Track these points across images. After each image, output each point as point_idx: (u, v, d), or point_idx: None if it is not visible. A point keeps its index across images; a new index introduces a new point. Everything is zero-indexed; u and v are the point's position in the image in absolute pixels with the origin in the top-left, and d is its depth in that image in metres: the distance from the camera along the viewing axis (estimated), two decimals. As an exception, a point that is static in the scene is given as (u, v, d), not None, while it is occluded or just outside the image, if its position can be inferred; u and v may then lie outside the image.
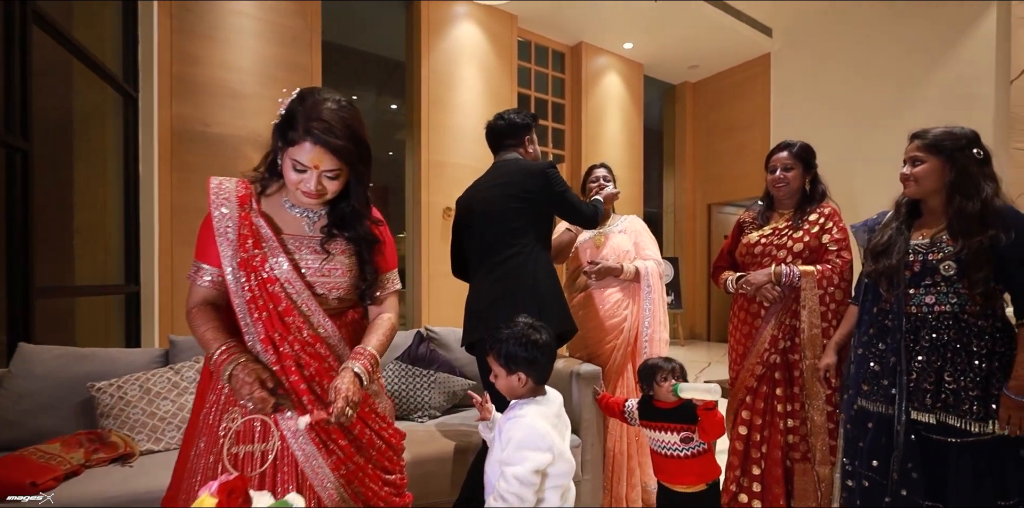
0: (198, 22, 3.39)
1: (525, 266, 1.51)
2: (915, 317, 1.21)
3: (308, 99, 0.93)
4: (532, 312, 1.42)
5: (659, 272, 2.01)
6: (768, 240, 1.67)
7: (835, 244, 1.59)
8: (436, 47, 4.51)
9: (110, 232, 3.13)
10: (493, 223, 1.56)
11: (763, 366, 1.60)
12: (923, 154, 1.24)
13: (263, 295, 0.94)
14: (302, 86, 1.02)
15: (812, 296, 1.55)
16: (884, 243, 1.27)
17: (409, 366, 1.77)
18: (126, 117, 3.14)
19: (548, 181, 1.55)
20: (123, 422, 1.49)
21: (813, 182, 1.70)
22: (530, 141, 1.70)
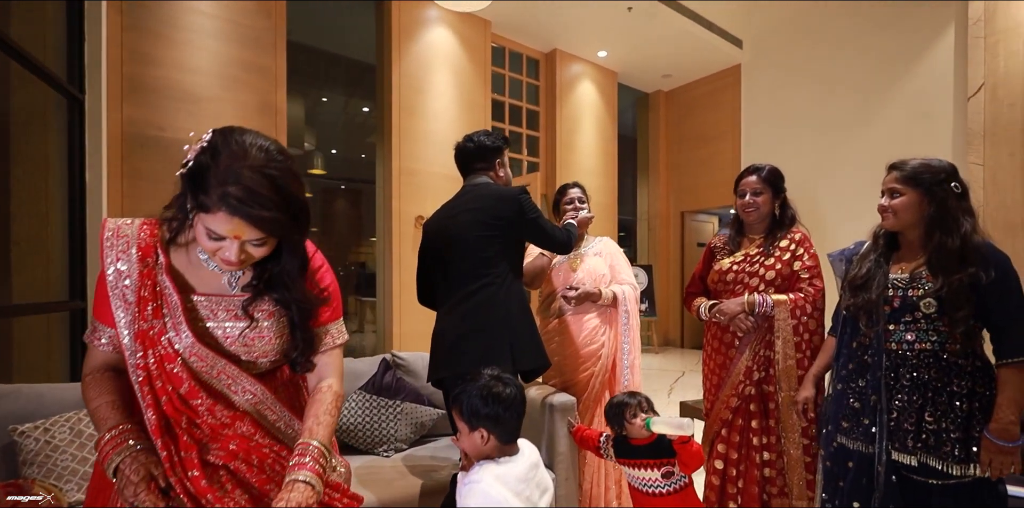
0: (152, 19, 3.20)
1: (497, 297, 1.44)
2: (895, 354, 1.19)
3: (223, 151, 0.72)
4: (503, 347, 1.35)
5: (635, 297, 1.97)
6: (740, 267, 1.64)
7: (807, 272, 1.57)
8: (407, 51, 4.40)
9: (52, 244, 2.91)
10: (463, 251, 1.48)
11: (738, 398, 1.57)
12: (901, 186, 1.22)
13: (161, 375, 0.77)
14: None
15: (786, 326, 1.52)
16: (863, 276, 1.25)
17: (373, 397, 1.67)
18: (71, 120, 2.92)
19: (521, 207, 1.49)
20: (50, 470, 1.34)
21: (783, 206, 1.68)
22: (501, 165, 1.63)
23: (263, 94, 3.59)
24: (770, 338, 1.54)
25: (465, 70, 4.80)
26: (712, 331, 1.70)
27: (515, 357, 1.39)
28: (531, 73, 5.66)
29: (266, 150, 0.75)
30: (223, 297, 0.85)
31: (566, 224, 1.77)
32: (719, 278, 1.66)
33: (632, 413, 1.42)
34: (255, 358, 0.86)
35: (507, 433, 1.06)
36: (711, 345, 1.70)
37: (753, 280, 1.60)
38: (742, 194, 1.66)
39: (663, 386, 4.38)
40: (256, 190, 0.71)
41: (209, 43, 3.39)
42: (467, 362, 1.37)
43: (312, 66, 6.22)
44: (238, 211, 0.70)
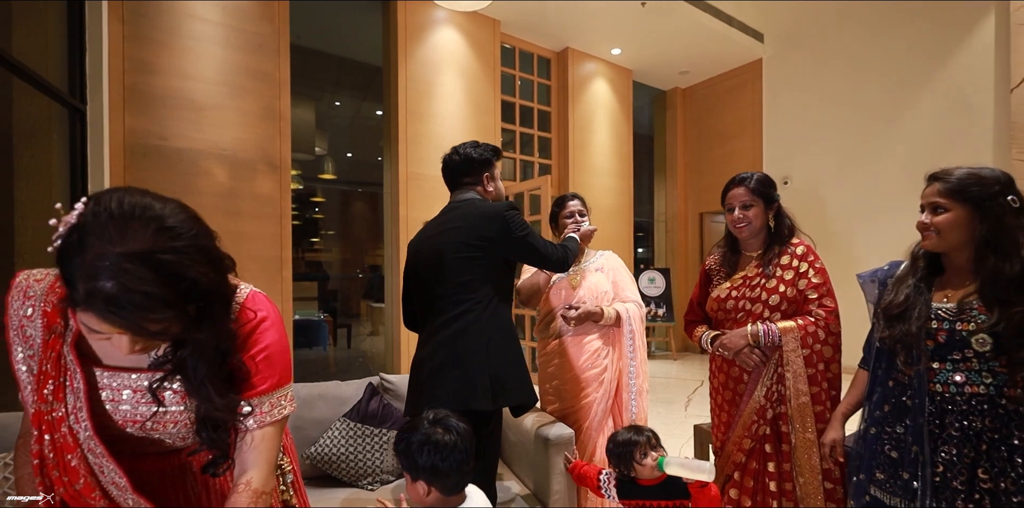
0: (152, 28, 3.16)
1: (477, 325, 1.31)
2: (941, 398, 1.01)
3: (88, 237, 0.55)
4: (482, 381, 1.23)
5: (640, 316, 1.82)
6: (739, 293, 1.46)
7: (815, 291, 1.39)
8: (414, 54, 4.31)
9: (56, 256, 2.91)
10: (443, 274, 1.35)
11: (752, 439, 1.41)
12: (946, 200, 1.04)
13: (59, 465, 0.66)
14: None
15: (796, 358, 1.34)
16: (900, 304, 1.07)
17: (357, 425, 1.56)
18: (72, 131, 2.91)
19: (507, 226, 1.36)
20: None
21: (778, 217, 1.48)
22: (490, 179, 1.50)
23: (267, 100, 3.54)
24: (782, 370, 1.37)
25: (474, 71, 4.69)
26: (717, 362, 1.54)
27: (496, 392, 1.26)
28: (542, 73, 5.52)
29: (158, 226, 0.57)
30: (132, 373, 0.71)
31: (566, 239, 1.64)
32: (718, 306, 1.50)
33: (642, 453, 1.31)
34: (173, 441, 0.75)
35: (449, 485, 0.95)
36: (717, 378, 1.54)
37: (756, 306, 1.42)
38: (730, 208, 1.48)
39: (680, 397, 4.20)
40: (133, 288, 0.54)
41: (211, 50, 3.35)
42: (442, 397, 1.25)
43: (323, 70, 6.19)
44: (108, 317, 0.55)
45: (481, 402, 1.23)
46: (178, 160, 3.24)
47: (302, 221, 10.18)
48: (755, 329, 1.38)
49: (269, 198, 3.56)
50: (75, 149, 2.91)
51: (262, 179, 3.54)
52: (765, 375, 1.40)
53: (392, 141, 4.31)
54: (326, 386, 1.67)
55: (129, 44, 3.10)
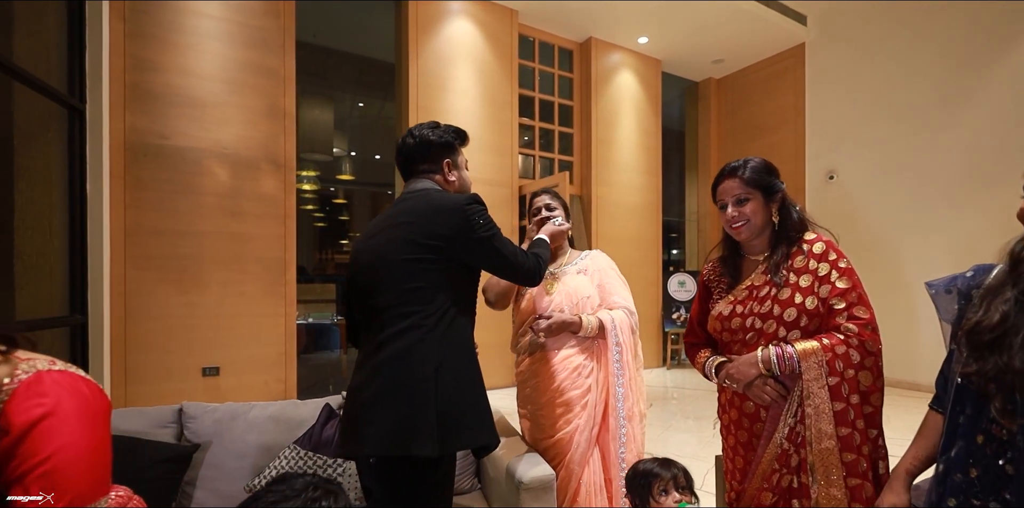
0: (154, 25, 3.10)
1: (425, 346, 1.04)
2: None
3: None
4: (427, 419, 0.98)
5: (631, 324, 1.52)
6: (746, 308, 1.15)
7: (841, 299, 1.06)
8: (426, 46, 4.13)
9: (54, 257, 2.87)
10: (384, 280, 1.10)
11: (773, 493, 1.10)
12: None
13: None
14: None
15: (819, 389, 1.02)
16: (995, 326, 0.76)
17: (309, 454, 1.36)
18: (71, 131, 2.87)
19: (467, 222, 1.10)
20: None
21: (783, 209, 1.17)
22: (452, 166, 1.25)
23: (271, 97, 3.43)
24: (804, 405, 1.05)
25: (489, 65, 4.48)
26: (727, 395, 1.23)
27: (444, 434, 0.99)
28: (564, 65, 5.25)
29: None
30: None
31: (534, 242, 1.36)
32: (722, 326, 1.20)
33: (661, 489, 1.11)
34: None
35: None
36: (728, 414, 1.23)
37: (768, 324, 1.12)
38: (723, 205, 1.18)
39: (709, 412, 3.84)
40: None
41: (214, 46, 3.26)
42: (375, 438, 1.00)
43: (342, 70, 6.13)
44: None
45: (424, 446, 0.97)
46: (180, 159, 3.16)
47: (328, 223, 10.25)
48: (766, 354, 1.08)
49: (273, 198, 3.45)
50: (74, 149, 2.87)
51: (266, 178, 3.43)
52: (787, 411, 1.09)
53: (403, 138, 4.14)
54: (281, 406, 1.48)
55: (130, 42, 3.04)
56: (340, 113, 6.72)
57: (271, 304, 3.45)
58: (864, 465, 1.02)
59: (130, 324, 3.02)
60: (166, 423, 1.39)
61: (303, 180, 5.69)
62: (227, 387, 3.28)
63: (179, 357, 3.14)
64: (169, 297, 3.12)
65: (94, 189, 2.92)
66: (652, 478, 1.12)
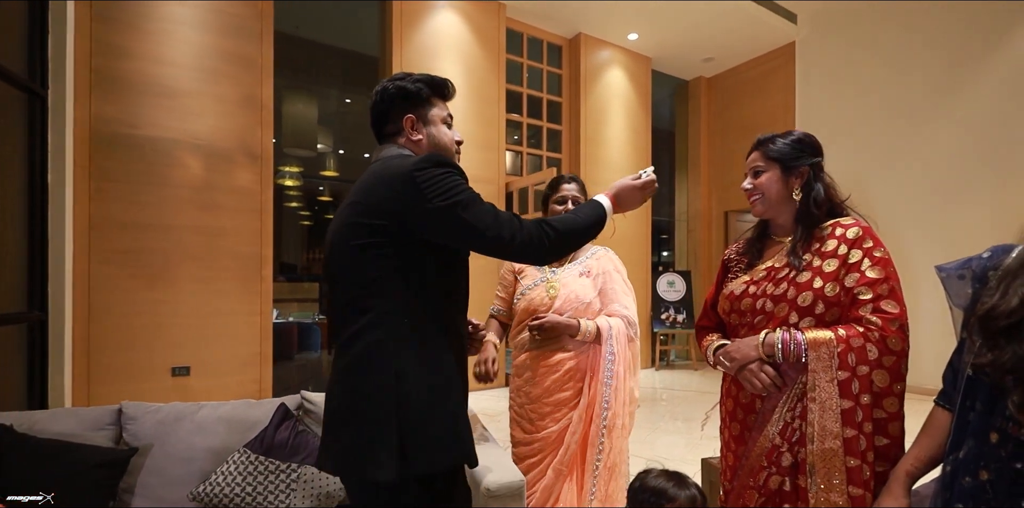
0: (122, 9, 2.97)
1: (383, 350, 0.87)
2: None
3: None
4: (386, 438, 0.83)
5: (628, 335, 1.47)
6: (760, 289, 1.06)
7: (869, 289, 0.96)
8: (410, 39, 4.03)
9: (11, 249, 2.73)
10: (338, 273, 0.94)
11: (759, 493, 1.01)
12: None
13: None
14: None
15: (827, 383, 0.93)
16: (1014, 311, 0.67)
17: (260, 458, 1.24)
18: (31, 118, 2.72)
19: (415, 191, 0.87)
20: None
21: (807, 186, 1.08)
22: (419, 121, 1.00)
23: (247, 87, 3.31)
24: (807, 401, 0.95)
25: (476, 59, 4.39)
26: (727, 384, 1.15)
27: (406, 454, 0.83)
28: (552, 61, 5.18)
29: None
30: None
31: (583, 204, 1.05)
32: (731, 307, 1.11)
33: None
34: None
35: None
36: (726, 405, 1.15)
37: (780, 307, 1.03)
38: (745, 178, 1.13)
39: (697, 414, 3.76)
40: None
41: (186, 33, 3.14)
42: (332, 458, 0.88)
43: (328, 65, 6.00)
44: None
45: (381, 469, 0.81)
46: (150, 149, 3.03)
47: (315, 221, 10.09)
48: (772, 337, 0.98)
49: (249, 191, 3.33)
50: (35, 136, 2.73)
51: (241, 171, 3.30)
52: (784, 404, 1.00)
53: (386, 132, 4.03)
54: (233, 407, 1.36)
55: (97, 26, 2.91)
56: (325, 108, 6.59)
57: (246, 302, 3.32)
58: (867, 474, 0.91)
59: (94, 321, 2.88)
60: (103, 425, 1.27)
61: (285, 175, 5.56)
62: (198, 388, 3.14)
63: (147, 356, 3.00)
64: (136, 293, 2.98)
65: (56, 179, 2.77)
66: (662, 499, 0.99)
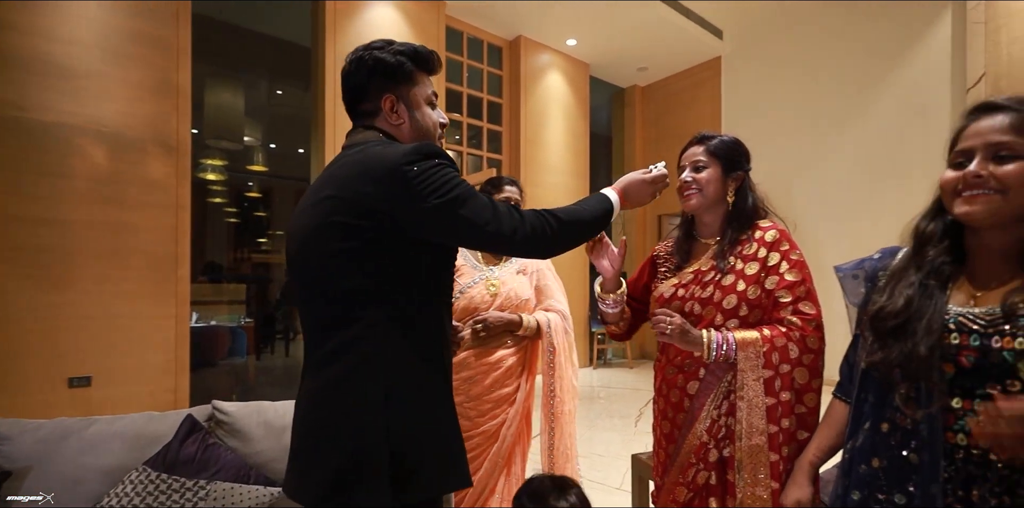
0: (10, -22, 2.65)
1: (367, 368, 0.78)
2: (965, 455, 0.67)
3: None
4: (377, 462, 0.75)
5: (564, 327, 1.54)
6: (688, 292, 1.10)
7: (788, 292, 1.02)
8: (344, 30, 3.89)
9: None
10: (310, 281, 0.83)
11: (688, 489, 1.05)
12: (1013, 138, 0.66)
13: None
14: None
15: (754, 382, 0.98)
16: (899, 312, 0.73)
17: (163, 476, 1.13)
18: None
19: (407, 188, 0.77)
20: None
21: (740, 191, 1.12)
22: (399, 103, 0.89)
23: (161, 72, 3.05)
24: (735, 398, 1.01)
25: (415, 55, 4.30)
26: (658, 379, 1.18)
27: (397, 480, 0.75)
28: (493, 62, 5.18)
29: None
30: None
31: (589, 197, 0.98)
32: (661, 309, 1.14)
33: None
34: None
35: None
36: (657, 404, 1.18)
37: (708, 311, 1.06)
38: (681, 172, 1.15)
39: (632, 410, 3.89)
40: None
41: (89, 9, 2.85)
42: (313, 484, 0.78)
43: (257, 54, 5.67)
44: None
45: (373, 494, 0.74)
46: (43, 135, 2.72)
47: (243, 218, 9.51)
48: (709, 337, 1.02)
49: (163, 185, 3.07)
50: None
51: (154, 162, 3.04)
52: (711, 402, 1.04)
53: (318, 129, 3.87)
54: (131, 420, 1.23)
55: (-21, -5, 2.58)
56: (254, 99, 6.23)
57: (159, 304, 3.06)
58: (781, 468, 0.97)
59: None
60: (-30, 446, 1.11)
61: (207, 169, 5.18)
62: (101, 399, 2.86)
63: (40, 365, 2.69)
64: (28, 295, 2.66)
65: (-77, 166, 2.43)
66: (543, 500, 1.00)
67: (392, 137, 0.90)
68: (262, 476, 1.25)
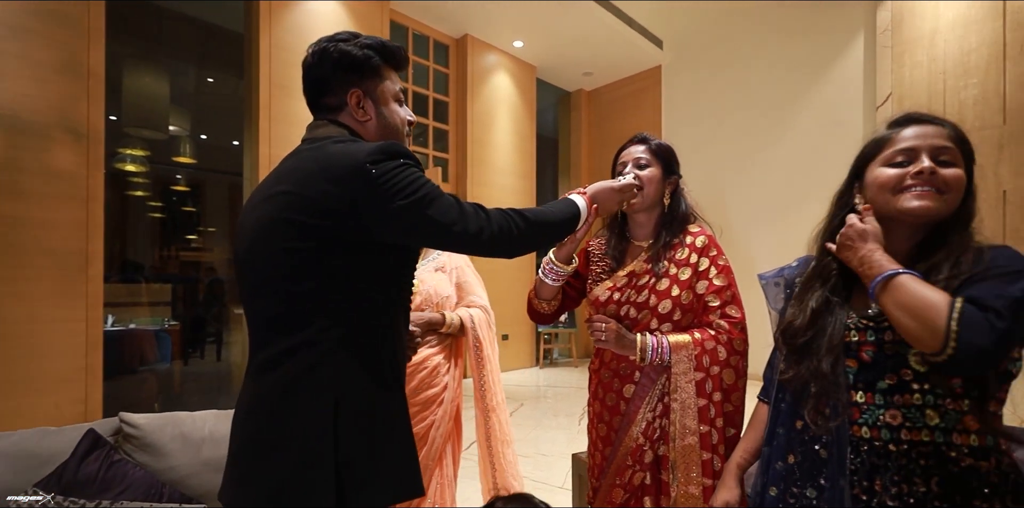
0: None
1: (317, 376, 0.74)
2: (869, 447, 0.70)
3: None
4: (322, 473, 0.72)
5: (487, 321, 1.55)
6: (624, 296, 1.12)
7: (716, 296, 1.07)
8: (282, 17, 3.70)
9: None
10: (259, 280, 0.79)
11: (625, 490, 1.08)
12: (953, 146, 0.72)
13: None
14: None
15: (687, 384, 1.02)
16: (807, 327, 0.76)
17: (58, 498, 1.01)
18: None
19: (372, 189, 0.74)
20: None
21: (675, 196, 1.16)
22: (366, 99, 0.86)
23: (69, 51, 2.78)
24: (668, 401, 1.05)
25: (358, 48, 4.16)
26: (593, 383, 1.21)
27: (343, 490, 0.72)
28: (439, 59, 5.12)
29: None
30: None
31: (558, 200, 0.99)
32: (597, 312, 1.16)
33: None
34: None
35: None
36: (593, 407, 1.20)
37: (644, 314, 1.09)
38: (620, 172, 1.15)
39: (577, 409, 3.96)
40: None
41: (-18, -23, 2.55)
42: (249, 494, 0.74)
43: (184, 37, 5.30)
44: None
45: (314, 502, 0.72)
46: (-79, 117, 2.40)
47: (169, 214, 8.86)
48: (644, 341, 1.04)
49: (70, 175, 2.79)
50: None
51: (60, 150, 2.76)
52: (646, 404, 1.07)
53: (253, 121, 3.66)
54: (19, 438, 1.10)
55: None
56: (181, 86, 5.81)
57: (65, 306, 2.78)
58: (718, 465, 1.01)
59: None
60: None
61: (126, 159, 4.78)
62: (-7, 413, 2.56)
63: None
64: (-101, 298, 2.35)
65: None
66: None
67: (356, 133, 0.87)
68: (177, 493, 1.16)
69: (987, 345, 0.59)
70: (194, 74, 6.22)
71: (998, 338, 0.59)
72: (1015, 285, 0.62)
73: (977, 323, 0.59)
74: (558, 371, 5.61)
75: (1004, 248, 0.69)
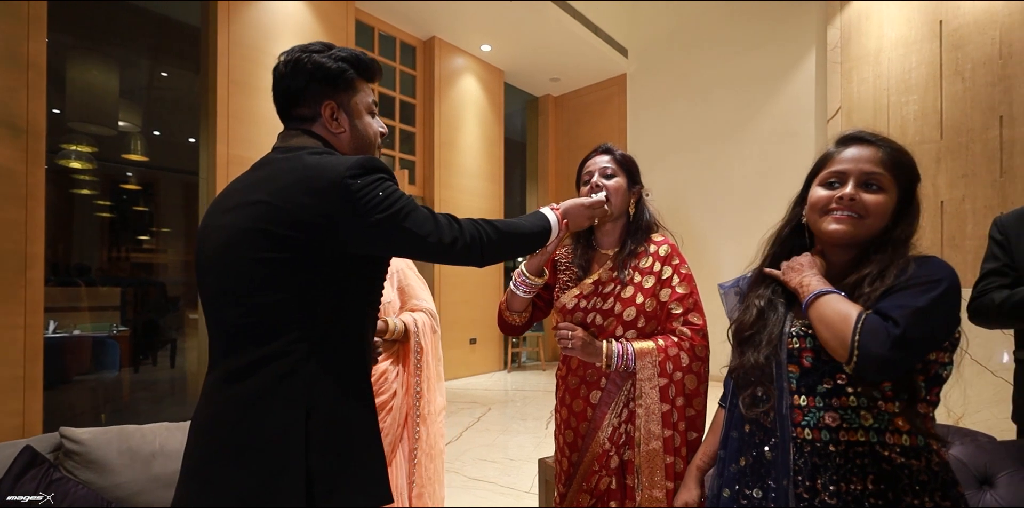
0: None
1: (289, 386, 0.74)
2: (811, 448, 0.74)
3: None
4: (292, 481, 0.71)
5: (431, 325, 1.53)
6: (590, 303, 1.15)
7: (679, 304, 1.09)
8: (241, 12, 3.60)
9: None
10: (230, 289, 0.78)
11: (591, 495, 1.10)
12: (884, 175, 0.76)
13: None
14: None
15: (651, 390, 1.05)
16: (753, 323, 0.82)
17: (-11, 522, 0.95)
18: None
19: (351, 203, 0.74)
20: None
21: (639, 205, 1.19)
22: (340, 111, 0.87)
23: (6, 41, 2.61)
24: (634, 406, 1.07)
25: (323, 47, 4.08)
26: (560, 390, 1.22)
27: (313, 498, 0.72)
28: (406, 61, 5.07)
29: None
30: None
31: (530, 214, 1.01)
32: (563, 320, 1.18)
33: None
34: None
35: None
36: (560, 413, 1.22)
37: (609, 322, 1.12)
38: (586, 181, 1.17)
39: (544, 413, 3.97)
40: None
41: (-90, -41, 2.37)
42: (215, 496, 0.72)
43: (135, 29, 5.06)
44: None
45: (288, 499, 0.71)
46: None
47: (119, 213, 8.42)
48: (610, 348, 1.07)
49: (8, 172, 2.62)
50: None
51: (-4, 146, 2.59)
52: (612, 410, 1.10)
53: (209, 118, 3.54)
54: (-55, 455, 1.03)
55: None
56: (132, 81, 5.54)
57: (2, 313, 2.61)
58: (680, 467, 1.04)
59: None
60: None
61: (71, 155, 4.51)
62: (-85, 429, 2.37)
63: None
64: None
65: None
66: None
67: (330, 145, 0.87)
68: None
69: (883, 353, 0.63)
70: (146, 68, 5.95)
71: (892, 345, 0.63)
72: (925, 295, 0.67)
73: (875, 332, 0.64)
74: (526, 375, 5.63)
75: (929, 259, 0.75)
